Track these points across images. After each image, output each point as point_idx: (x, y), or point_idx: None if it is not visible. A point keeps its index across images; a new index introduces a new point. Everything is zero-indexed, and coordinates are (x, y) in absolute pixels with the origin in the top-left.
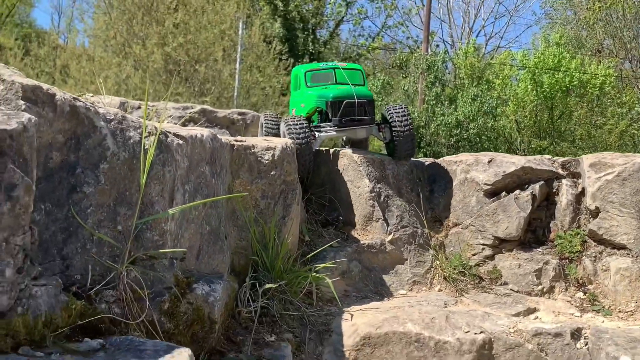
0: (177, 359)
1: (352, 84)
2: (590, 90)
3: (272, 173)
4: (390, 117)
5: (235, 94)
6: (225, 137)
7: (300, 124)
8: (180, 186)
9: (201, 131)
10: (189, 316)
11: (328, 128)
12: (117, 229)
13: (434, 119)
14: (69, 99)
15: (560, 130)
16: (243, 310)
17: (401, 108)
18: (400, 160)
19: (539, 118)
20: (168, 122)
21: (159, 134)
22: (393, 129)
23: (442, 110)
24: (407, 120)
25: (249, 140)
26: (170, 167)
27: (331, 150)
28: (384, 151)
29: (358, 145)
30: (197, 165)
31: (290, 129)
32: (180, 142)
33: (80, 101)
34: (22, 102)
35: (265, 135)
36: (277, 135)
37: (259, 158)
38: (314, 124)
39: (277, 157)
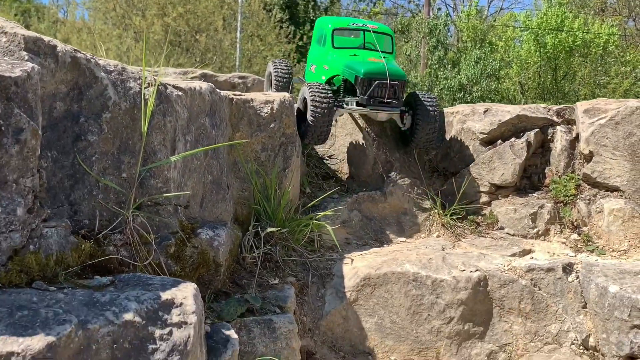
0: (183, 292)
1: (381, 52)
2: (593, 50)
3: (272, 126)
4: (418, 107)
5: (237, 63)
6: (224, 92)
7: (325, 93)
8: (182, 136)
9: (200, 84)
10: (195, 259)
11: (353, 105)
12: (122, 176)
13: (437, 83)
14: (70, 50)
15: (564, 90)
16: (247, 256)
17: (431, 98)
18: (417, 149)
19: (542, 79)
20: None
21: (158, 85)
22: (416, 119)
23: (445, 74)
24: (435, 114)
25: (247, 95)
26: (171, 117)
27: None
28: None
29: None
30: (197, 117)
31: (315, 96)
32: (180, 93)
33: (80, 53)
34: (25, 53)
35: (276, 85)
36: (287, 87)
37: (258, 111)
38: (335, 87)
39: (276, 110)
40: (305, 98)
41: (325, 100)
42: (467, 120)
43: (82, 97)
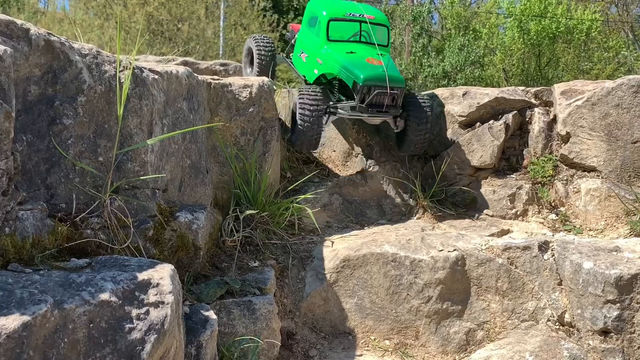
0: (160, 272)
1: (378, 46)
2: (576, 36)
3: (250, 110)
4: (412, 109)
5: (221, 52)
6: (202, 76)
7: (315, 98)
8: (158, 120)
9: (177, 68)
10: (174, 243)
11: (347, 111)
12: (99, 160)
13: (422, 70)
14: (43, 33)
15: (548, 77)
16: (227, 239)
17: (424, 102)
18: (407, 154)
19: (526, 66)
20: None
21: (134, 69)
22: (409, 121)
23: (429, 62)
24: (427, 116)
25: (226, 79)
26: (147, 101)
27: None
28: None
29: None
30: (174, 101)
31: (304, 100)
32: (156, 77)
33: (54, 36)
34: None
35: (258, 64)
36: (270, 65)
37: (237, 95)
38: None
39: (255, 95)
40: (295, 103)
41: (315, 107)
42: (446, 104)
43: (56, 80)
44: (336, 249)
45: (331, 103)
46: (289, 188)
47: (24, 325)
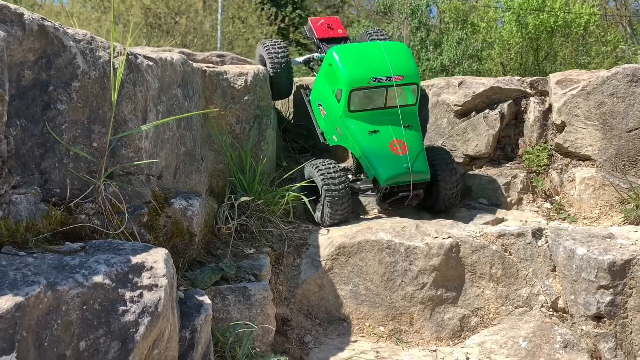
0: (154, 256)
1: (405, 108)
2: (574, 30)
3: (246, 98)
4: (438, 170)
5: (219, 45)
6: (197, 64)
7: (335, 172)
8: (153, 106)
9: (171, 55)
10: (169, 229)
11: (368, 192)
12: (93, 146)
13: (420, 64)
14: (37, 18)
15: (546, 71)
16: (222, 226)
17: (446, 154)
18: (444, 210)
19: (524, 60)
20: None
21: (128, 55)
22: (439, 182)
23: (427, 56)
24: (454, 173)
25: (221, 67)
26: (142, 87)
27: (306, 83)
28: None
29: None
30: (168, 87)
31: (323, 174)
32: (150, 63)
33: (48, 21)
34: None
35: (272, 71)
36: (286, 71)
37: (232, 83)
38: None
39: (250, 83)
40: (311, 174)
41: (337, 182)
42: (442, 93)
43: (50, 65)
44: (331, 236)
45: (350, 178)
46: (285, 176)
47: (17, 306)
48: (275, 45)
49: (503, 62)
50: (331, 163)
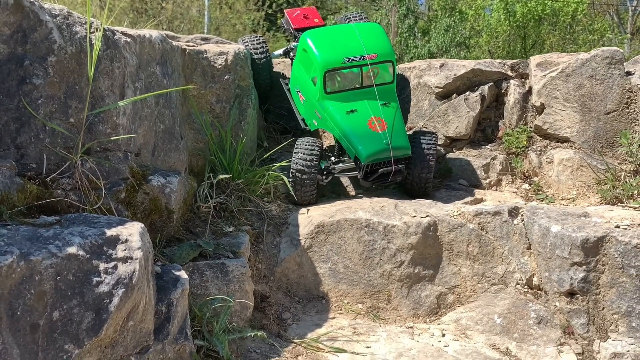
0: (129, 229)
1: (381, 86)
2: (562, 18)
3: (226, 77)
4: (413, 145)
5: (206, 30)
6: (177, 42)
7: (311, 151)
8: (131, 83)
9: (150, 32)
10: (146, 205)
11: (346, 172)
12: (69, 121)
13: (407, 51)
14: None
15: None
16: (202, 205)
17: (431, 136)
18: (414, 192)
19: (512, 48)
20: None
21: (105, 31)
22: (412, 162)
23: (414, 43)
24: (432, 152)
25: (201, 46)
26: (119, 64)
27: (288, 62)
28: None
29: None
30: (147, 65)
31: (298, 152)
32: (128, 40)
33: None
34: None
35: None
36: (267, 66)
37: (212, 63)
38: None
39: (230, 62)
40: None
41: (310, 159)
42: (423, 75)
43: (26, 40)
44: (311, 215)
45: (333, 160)
46: (265, 156)
47: None
48: (254, 40)
49: (491, 50)
50: (312, 145)
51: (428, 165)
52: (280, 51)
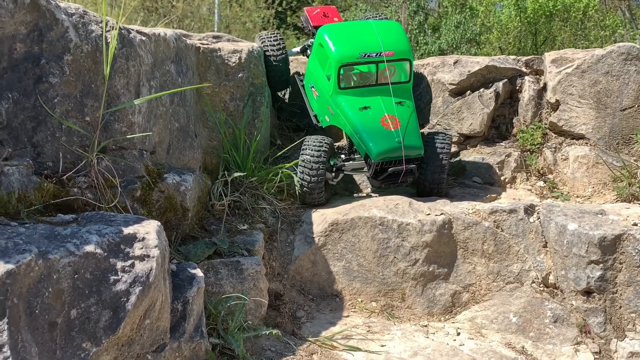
0: (146, 227)
1: (397, 85)
2: (573, 14)
3: (240, 75)
4: (426, 150)
5: (216, 29)
6: (191, 40)
7: (319, 148)
8: (146, 81)
9: (164, 30)
10: (162, 204)
11: (357, 170)
12: (85, 120)
13: (417, 48)
14: None
15: None
16: (216, 203)
17: (445, 137)
18: (426, 192)
19: (522, 44)
20: None
21: (121, 29)
22: (424, 162)
23: (425, 40)
24: (445, 152)
25: (215, 44)
26: (134, 62)
27: (302, 59)
28: None
29: None
30: (162, 63)
31: (305, 150)
32: (143, 38)
33: None
34: None
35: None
36: (284, 64)
37: (226, 61)
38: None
39: (244, 60)
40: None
41: (316, 166)
42: (437, 72)
43: (42, 39)
44: (325, 213)
45: (343, 158)
46: (278, 154)
47: (7, 273)
48: (271, 37)
49: (501, 46)
50: (321, 143)
51: (441, 165)
52: (297, 48)
